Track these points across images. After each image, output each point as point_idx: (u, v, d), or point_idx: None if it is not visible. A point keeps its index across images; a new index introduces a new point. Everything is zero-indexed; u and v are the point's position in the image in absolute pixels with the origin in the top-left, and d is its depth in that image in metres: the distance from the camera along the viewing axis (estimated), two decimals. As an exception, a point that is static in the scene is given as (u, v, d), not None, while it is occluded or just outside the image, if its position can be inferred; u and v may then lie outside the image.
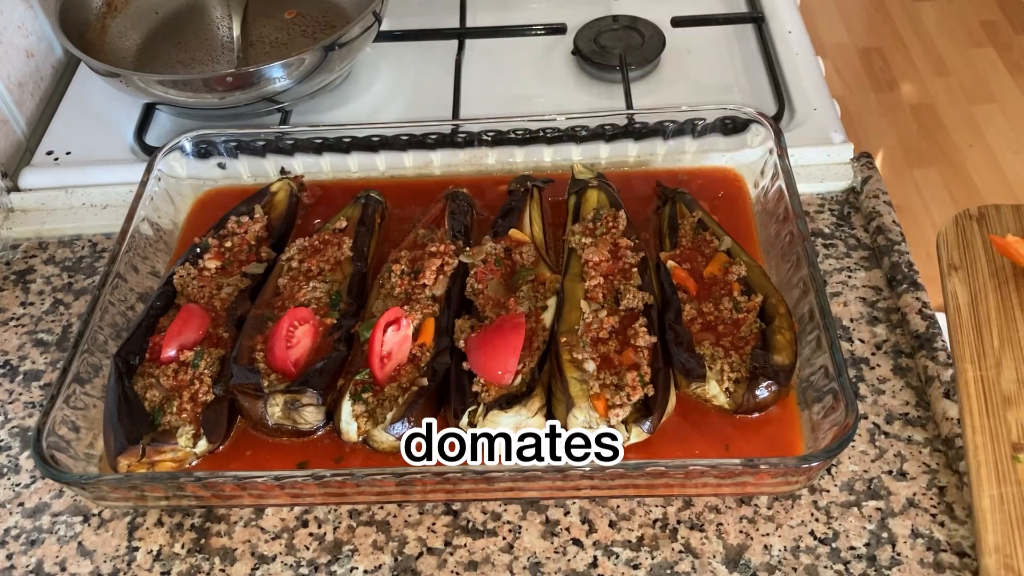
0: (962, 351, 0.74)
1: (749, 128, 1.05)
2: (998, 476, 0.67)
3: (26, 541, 0.83)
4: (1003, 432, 0.69)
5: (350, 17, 1.25)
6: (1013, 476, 0.66)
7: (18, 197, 1.15)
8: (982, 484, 0.66)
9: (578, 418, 0.81)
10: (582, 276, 0.93)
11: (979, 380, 0.72)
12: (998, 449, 0.68)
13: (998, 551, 0.63)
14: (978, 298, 0.78)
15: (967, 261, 0.81)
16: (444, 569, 0.79)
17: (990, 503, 0.65)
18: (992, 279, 0.79)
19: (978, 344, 0.74)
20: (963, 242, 0.83)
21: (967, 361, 0.73)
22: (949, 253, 0.82)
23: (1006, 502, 0.65)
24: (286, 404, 0.84)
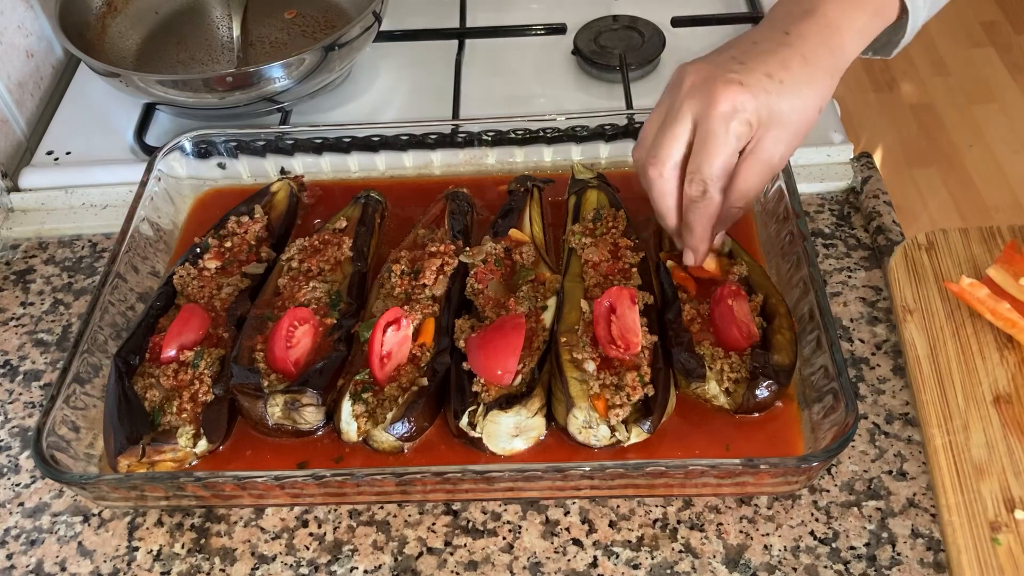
0: (927, 414, 0.69)
1: (749, 128, 1.05)
2: (980, 563, 0.62)
3: (26, 541, 0.83)
4: (979, 509, 0.64)
5: (350, 17, 1.25)
6: (995, 562, 0.61)
7: (18, 197, 1.15)
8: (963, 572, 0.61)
9: (578, 418, 0.81)
10: (582, 276, 0.93)
11: (948, 447, 0.67)
12: (976, 530, 0.63)
13: None
14: (937, 346, 0.73)
15: (921, 302, 0.76)
16: (444, 569, 0.79)
17: None
18: (949, 321, 0.74)
19: (943, 404, 0.69)
20: (915, 278, 0.77)
21: (934, 426, 0.68)
22: (902, 293, 0.76)
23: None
24: (286, 404, 0.84)
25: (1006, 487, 0.65)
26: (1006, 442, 0.67)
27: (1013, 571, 0.61)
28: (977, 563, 0.62)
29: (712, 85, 0.76)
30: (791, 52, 0.78)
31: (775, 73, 0.77)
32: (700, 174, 0.78)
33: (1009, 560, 0.61)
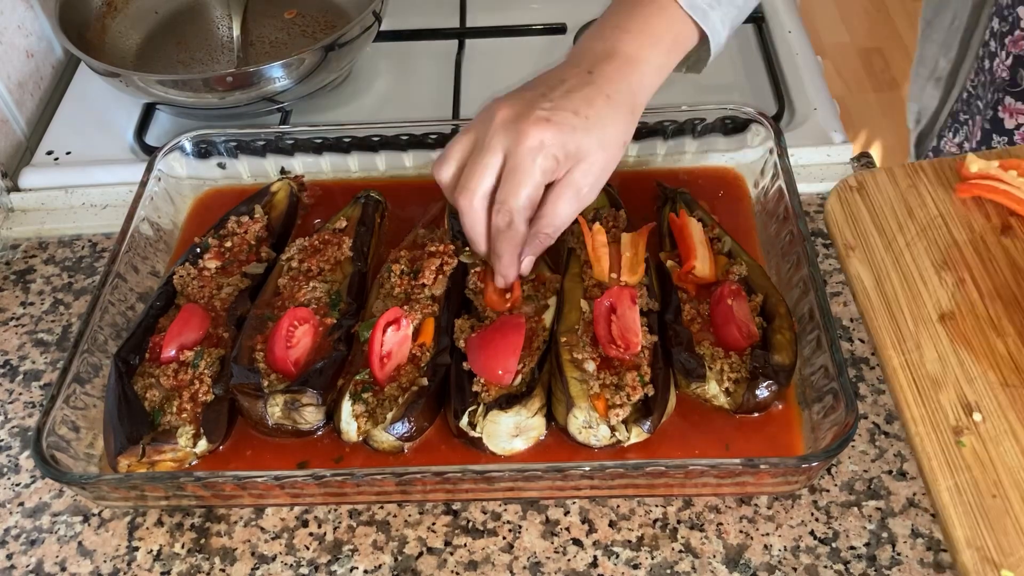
0: (882, 338, 0.74)
1: (749, 128, 1.05)
2: (950, 466, 0.66)
3: (26, 541, 0.83)
4: (941, 418, 0.69)
5: (350, 17, 1.25)
6: (962, 463, 0.66)
7: (18, 197, 1.15)
8: (936, 478, 0.66)
9: (578, 418, 0.81)
10: (582, 276, 0.93)
11: (905, 367, 0.72)
12: (941, 437, 0.68)
13: (970, 545, 0.63)
14: (880, 276, 0.77)
15: (860, 238, 0.80)
16: (444, 569, 0.79)
17: (949, 496, 0.65)
18: (888, 252, 0.79)
19: (894, 328, 0.74)
20: (851, 217, 0.82)
21: (889, 348, 0.73)
22: (842, 232, 0.81)
23: (963, 491, 0.65)
24: (286, 404, 0.84)
25: (962, 394, 0.70)
26: (956, 355, 0.72)
27: (979, 467, 0.66)
28: (947, 466, 0.67)
29: (522, 122, 0.80)
30: (595, 91, 0.83)
31: (581, 110, 0.81)
32: (507, 205, 0.82)
33: (974, 458, 0.66)
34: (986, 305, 0.74)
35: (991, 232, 0.79)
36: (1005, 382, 0.70)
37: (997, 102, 1.05)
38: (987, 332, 0.73)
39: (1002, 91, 1.04)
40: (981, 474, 0.65)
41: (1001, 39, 1.02)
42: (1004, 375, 0.70)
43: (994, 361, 0.71)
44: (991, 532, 0.62)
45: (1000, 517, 0.63)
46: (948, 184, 0.81)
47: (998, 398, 0.69)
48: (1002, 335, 0.72)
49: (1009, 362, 0.71)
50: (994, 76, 1.05)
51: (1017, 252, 0.77)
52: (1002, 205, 0.80)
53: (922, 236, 0.79)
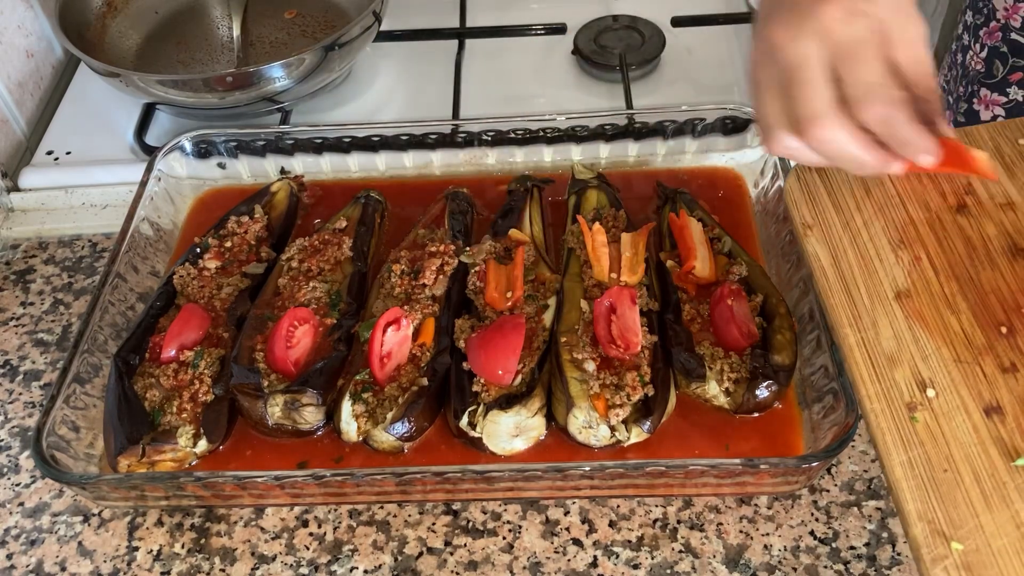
0: (838, 316, 0.74)
1: (749, 128, 1.05)
2: (903, 441, 0.67)
3: (26, 541, 0.83)
4: (896, 395, 0.69)
5: (350, 17, 1.25)
6: (915, 438, 0.67)
7: (18, 197, 1.15)
8: (890, 453, 0.66)
9: (578, 418, 0.81)
10: (582, 276, 0.93)
11: (861, 344, 0.73)
12: (895, 413, 0.69)
13: (921, 518, 0.63)
14: (838, 254, 0.78)
15: (818, 216, 0.81)
16: (444, 569, 0.79)
17: (902, 470, 0.65)
18: (845, 231, 0.79)
19: (851, 306, 0.75)
20: (809, 197, 0.82)
21: (846, 326, 0.74)
22: (800, 211, 0.82)
23: (915, 465, 0.66)
24: (286, 404, 0.84)
25: (916, 371, 0.71)
26: (911, 332, 0.73)
27: (932, 442, 0.67)
28: (901, 442, 0.67)
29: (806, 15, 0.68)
30: None
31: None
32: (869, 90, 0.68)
33: (927, 433, 0.67)
34: (941, 283, 0.75)
35: (947, 211, 0.80)
36: (958, 358, 0.71)
37: (972, 94, 1.06)
38: (942, 309, 0.74)
39: (976, 83, 1.05)
40: (933, 449, 0.66)
41: (975, 31, 1.02)
42: (957, 351, 0.71)
43: (948, 338, 0.72)
44: (942, 505, 0.64)
45: (951, 490, 0.64)
46: None
47: (951, 374, 0.70)
48: (956, 312, 0.73)
49: (962, 338, 0.72)
50: (967, 69, 1.05)
51: (972, 230, 0.79)
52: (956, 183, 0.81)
53: (879, 215, 0.80)
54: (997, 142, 0.84)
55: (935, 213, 0.80)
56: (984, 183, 0.81)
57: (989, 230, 0.78)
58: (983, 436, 0.66)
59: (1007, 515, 0.62)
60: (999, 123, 0.86)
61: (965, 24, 1.05)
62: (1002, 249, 0.76)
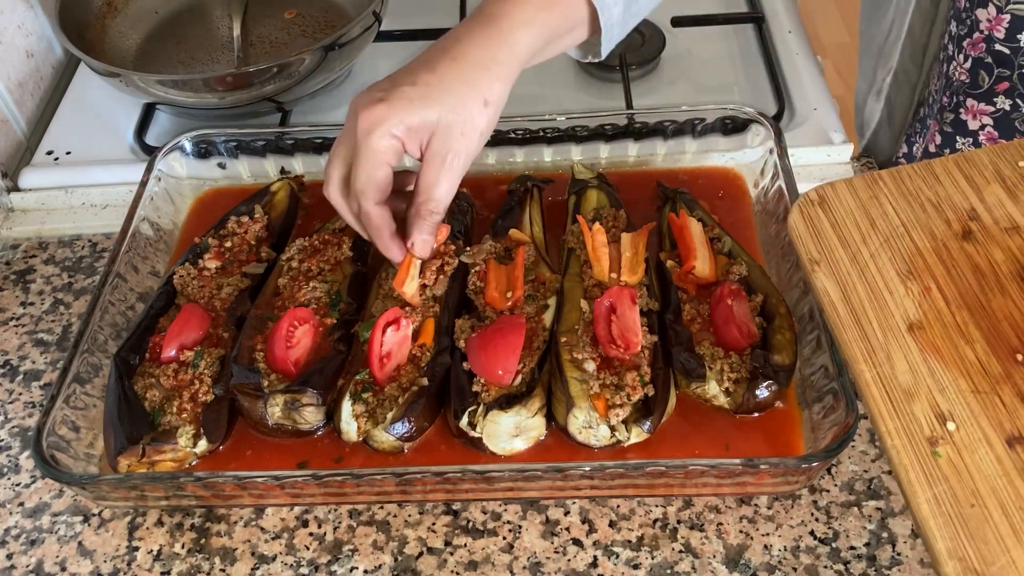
0: (852, 352, 0.73)
1: (749, 128, 1.05)
2: (927, 477, 0.65)
3: (26, 541, 0.83)
4: (916, 429, 0.68)
5: (350, 17, 1.25)
6: (939, 473, 0.66)
7: (18, 197, 1.15)
8: (915, 491, 0.65)
9: (578, 418, 0.81)
10: (582, 276, 0.93)
11: (878, 380, 0.71)
12: (917, 448, 0.67)
13: (952, 556, 0.62)
14: (847, 289, 0.77)
15: (824, 252, 0.80)
16: (444, 569, 0.79)
17: (928, 508, 0.64)
18: (853, 265, 0.78)
19: (864, 340, 0.73)
20: (814, 231, 0.81)
21: (861, 362, 0.72)
22: (806, 247, 0.81)
23: (942, 502, 0.64)
24: (286, 404, 0.84)
25: (935, 404, 0.69)
26: (926, 364, 0.72)
27: (956, 477, 0.65)
28: (925, 478, 0.66)
29: (358, 107, 0.81)
30: (440, 54, 0.81)
31: (420, 79, 0.80)
32: (353, 189, 0.83)
33: (951, 468, 0.66)
34: (952, 312, 0.74)
35: (953, 238, 0.79)
36: (976, 389, 0.70)
37: (958, 105, 1.05)
38: (955, 339, 0.72)
39: (962, 94, 1.04)
40: (958, 484, 0.65)
41: (959, 42, 1.02)
42: (975, 382, 0.70)
43: (964, 368, 0.71)
44: (972, 542, 0.62)
45: (980, 526, 0.63)
46: (908, 192, 0.82)
47: (970, 405, 0.69)
48: (970, 341, 0.72)
49: (978, 368, 0.71)
50: (951, 80, 1.05)
51: (979, 256, 0.78)
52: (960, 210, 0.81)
53: (886, 246, 0.79)
54: (997, 165, 0.83)
55: (941, 241, 0.79)
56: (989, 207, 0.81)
57: (996, 256, 0.77)
58: (1007, 468, 0.65)
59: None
60: (999, 146, 0.85)
61: (950, 34, 1.05)
62: (1011, 274, 0.75)
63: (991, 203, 0.81)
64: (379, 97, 0.80)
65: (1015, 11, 0.94)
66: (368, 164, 0.81)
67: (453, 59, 0.81)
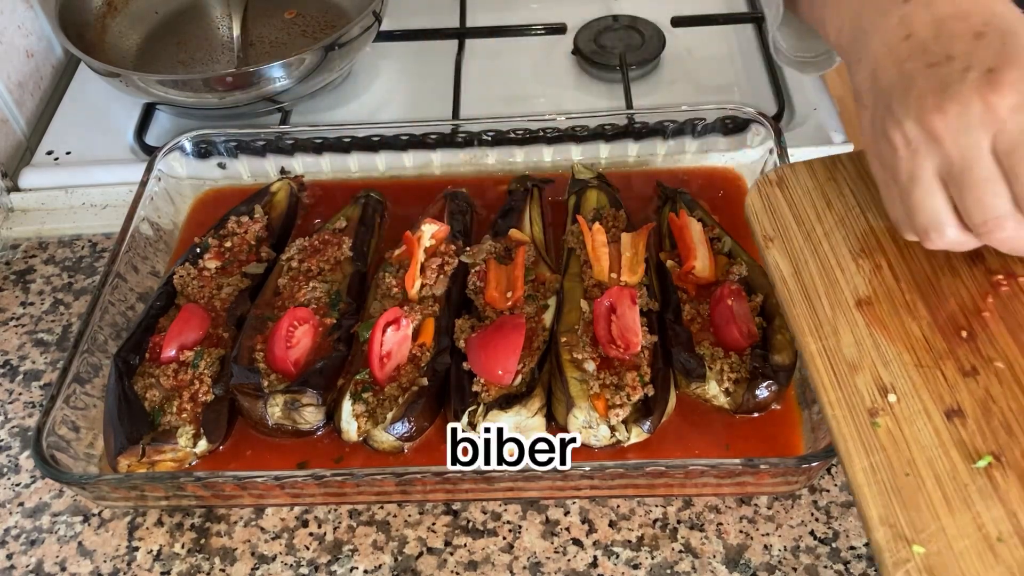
0: (800, 325, 0.74)
1: (749, 128, 1.05)
2: (864, 447, 0.66)
3: (26, 541, 0.83)
4: (857, 401, 0.69)
5: (350, 17, 1.25)
6: (877, 443, 0.67)
7: (18, 197, 1.15)
8: (852, 459, 0.66)
9: (578, 418, 0.81)
10: (582, 276, 0.93)
11: (823, 352, 0.72)
12: (857, 419, 0.68)
13: (883, 523, 0.63)
14: (799, 265, 0.78)
15: (779, 229, 0.81)
16: (444, 569, 0.79)
17: (864, 476, 0.65)
18: (807, 242, 0.79)
19: (812, 315, 0.74)
20: (771, 210, 0.82)
21: (807, 335, 0.73)
22: (761, 224, 0.82)
23: (877, 471, 0.65)
24: (286, 404, 0.84)
25: (877, 377, 0.70)
26: (872, 338, 0.72)
27: (893, 447, 0.66)
28: (862, 448, 0.67)
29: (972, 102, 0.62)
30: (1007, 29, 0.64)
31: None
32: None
33: (889, 439, 0.67)
34: (902, 290, 0.75)
35: None
36: (919, 363, 0.70)
37: None
38: (902, 315, 0.73)
39: None
40: (895, 453, 0.66)
41: None
42: (918, 356, 0.71)
43: (909, 343, 0.72)
44: (904, 509, 0.63)
45: (913, 494, 0.64)
46: (867, 175, 0.81)
47: (912, 379, 0.70)
48: (917, 318, 0.73)
49: (923, 343, 0.71)
50: None
51: None
52: None
53: (840, 226, 0.80)
54: None
55: None
56: None
57: None
58: (944, 439, 0.66)
59: (968, 517, 0.62)
60: None
61: None
62: (962, 255, 0.75)
63: None
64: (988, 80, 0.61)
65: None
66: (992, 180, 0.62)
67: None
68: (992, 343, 0.70)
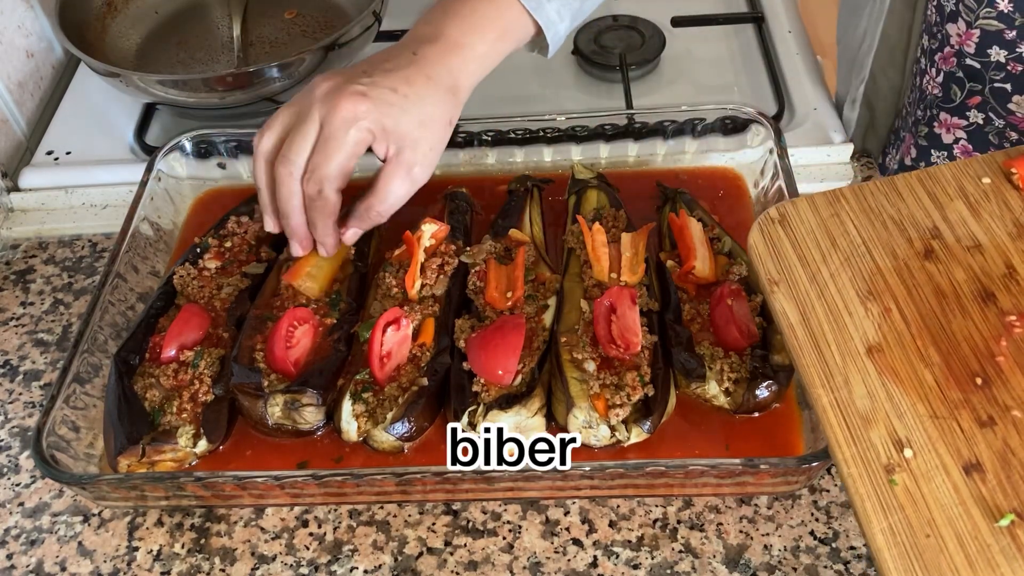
0: (810, 376, 0.71)
1: (749, 128, 1.05)
2: (883, 507, 0.64)
3: (26, 541, 0.83)
4: (872, 457, 0.66)
5: (350, 17, 1.25)
6: (895, 502, 0.64)
7: (18, 197, 1.15)
8: (871, 520, 0.63)
9: (578, 418, 0.81)
10: (582, 276, 0.93)
11: (835, 404, 0.69)
12: (873, 477, 0.66)
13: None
14: (806, 311, 0.75)
15: (784, 272, 0.78)
16: (444, 569, 0.79)
17: (883, 538, 0.62)
18: (812, 285, 0.77)
19: (822, 364, 0.72)
20: (774, 251, 0.80)
21: (818, 387, 0.70)
22: (766, 267, 0.79)
23: (897, 532, 0.63)
24: (286, 404, 0.84)
25: (892, 430, 0.68)
26: (885, 388, 0.70)
27: (912, 506, 0.64)
28: (881, 508, 0.64)
29: (338, 94, 0.82)
30: (416, 71, 0.85)
31: (399, 88, 0.84)
32: (317, 173, 0.83)
33: (907, 497, 0.65)
34: (912, 334, 0.73)
35: (914, 257, 0.77)
36: (934, 414, 0.68)
37: (931, 118, 1.05)
38: (914, 363, 0.71)
39: (935, 107, 1.04)
40: (914, 513, 0.64)
41: (931, 56, 1.02)
42: (933, 407, 0.69)
43: (922, 393, 0.69)
44: (926, 573, 0.61)
45: (935, 557, 0.61)
46: (870, 209, 0.81)
47: (928, 431, 0.67)
48: (929, 365, 0.71)
49: (937, 392, 0.69)
50: (924, 93, 1.05)
51: (941, 276, 0.76)
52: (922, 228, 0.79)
53: (846, 265, 0.78)
54: (961, 182, 0.82)
55: (902, 260, 0.77)
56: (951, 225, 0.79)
57: (958, 275, 0.76)
58: (964, 496, 0.64)
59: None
60: (962, 162, 0.83)
61: (922, 48, 1.04)
62: (972, 295, 0.74)
63: (954, 220, 0.80)
64: (361, 91, 0.82)
65: (984, 26, 0.94)
66: (343, 154, 0.83)
67: (428, 78, 0.85)
68: (1008, 390, 0.68)
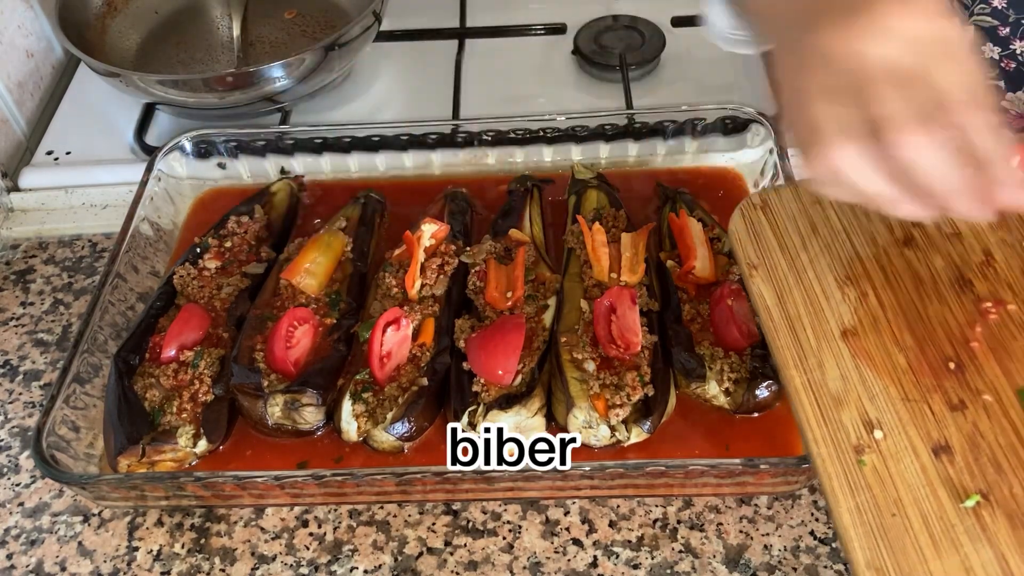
0: (784, 357, 0.72)
1: (749, 128, 1.05)
2: (850, 486, 0.65)
3: (26, 541, 0.83)
4: (843, 437, 0.67)
5: (350, 17, 1.25)
6: (863, 482, 0.65)
7: (18, 197, 1.15)
8: (838, 499, 0.64)
9: (578, 418, 0.81)
10: (582, 276, 0.93)
11: (807, 385, 0.70)
12: (843, 457, 0.66)
13: (870, 567, 0.61)
14: (783, 294, 0.76)
15: (764, 256, 0.79)
16: (444, 569, 0.79)
17: (850, 517, 0.63)
18: (791, 270, 0.77)
19: (796, 346, 0.72)
20: (755, 236, 0.80)
21: (791, 367, 0.71)
22: (745, 251, 0.79)
23: (864, 512, 0.63)
24: (286, 404, 0.84)
25: (863, 412, 0.68)
26: (858, 371, 0.71)
27: (879, 486, 0.65)
28: (848, 487, 0.65)
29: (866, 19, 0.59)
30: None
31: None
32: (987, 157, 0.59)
33: (875, 477, 0.65)
34: (888, 319, 0.73)
35: (894, 244, 0.78)
36: (906, 397, 0.69)
37: None
38: (889, 346, 0.71)
39: None
40: (881, 493, 0.64)
41: None
42: (905, 389, 0.69)
43: (895, 376, 0.70)
44: (891, 553, 0.61)
45: (900, 536, 0.62)
46: None
47: (899, 413, 0.68)
48: (903, 349, 0.71)
49: (910, 376, 0.70)
50: None
51: (919, 263, 0.77)
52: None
53: (825, 251, 0.78)
54: None
55: (882, 247, 0.78)
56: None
57: (937, 262, 0.77)
58: (931, 477, 0.65)
59: (956, 560, 0.60)
60: None
61: None
62: (949, 282, 0.74)
63: None
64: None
65: (978, 22, 0.94)
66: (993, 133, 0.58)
67: None
68: (980, 375, 0.69)
